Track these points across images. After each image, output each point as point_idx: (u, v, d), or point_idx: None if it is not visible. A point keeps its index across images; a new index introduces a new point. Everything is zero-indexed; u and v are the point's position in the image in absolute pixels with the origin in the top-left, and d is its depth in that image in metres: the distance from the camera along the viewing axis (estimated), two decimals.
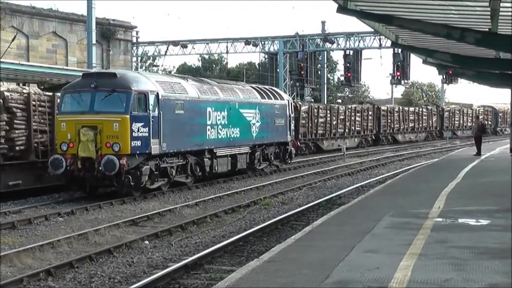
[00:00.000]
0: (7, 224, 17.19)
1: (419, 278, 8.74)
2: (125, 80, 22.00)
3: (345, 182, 28.30)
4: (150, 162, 22.02)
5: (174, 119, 23.24)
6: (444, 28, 15.75)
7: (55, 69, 29.09)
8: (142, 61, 78.08)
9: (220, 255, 13.62)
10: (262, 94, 31.10)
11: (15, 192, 21.66)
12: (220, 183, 26.66)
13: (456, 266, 9.45)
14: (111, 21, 54.26)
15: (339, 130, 50.43)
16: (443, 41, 18.82)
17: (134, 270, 12.56)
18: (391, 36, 22.51)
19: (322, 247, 11.13)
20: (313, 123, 46.28)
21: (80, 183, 21.67)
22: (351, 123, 52.38)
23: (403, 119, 63.07)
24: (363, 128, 55.11)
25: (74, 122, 21.27)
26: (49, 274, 12.04)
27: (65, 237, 15.10)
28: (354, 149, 51.65)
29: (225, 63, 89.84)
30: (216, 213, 19.01)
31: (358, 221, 13.67)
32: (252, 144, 29.44)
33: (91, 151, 20.91)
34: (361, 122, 54.55)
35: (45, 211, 19.27)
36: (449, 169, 26.39)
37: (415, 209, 15.28)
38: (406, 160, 40.92)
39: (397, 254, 10.15)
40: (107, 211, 19.67)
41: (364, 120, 55.22)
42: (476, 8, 14.11)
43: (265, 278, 9.08)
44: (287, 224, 17.43)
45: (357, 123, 53.65)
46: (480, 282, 8.56)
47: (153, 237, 15.57)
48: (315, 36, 64.48)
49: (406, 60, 60.85)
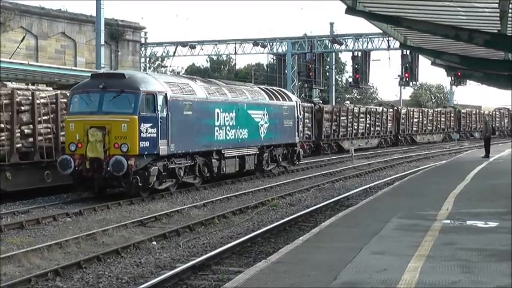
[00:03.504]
0: (16, 224, 17.25)
1: (427, 280, 8.73)
2: (134, 80, 22.02)
3: (353, 183, 28.27)
4: (158, 163, 22.04)
5: (183, 119, 23.25)
6: (453, 29, 15.73)
7: (64, 70, 29.17)
8: (151, 62, 78.16)
9: (228, 256, 13.62)
10: (271, 95, 31.10)
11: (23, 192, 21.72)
12: (228, 184, 26.66)
13: (464, 268, 9.43)
14: (119, 22, 54.36)
15: (359, 131, 52.09)
16: (452, 42, 18.78)
17: (142, 271, 12.57)
18: (400, 37, 22.49)
19: (330, 248, 11.12)
20: (336, 125, 48.43)
21: (88, 183, 21.72)
22: (371, 124, 54.28)
23: (422, 120, 64.67)
24: (383, 129, 57.03)
25: (83, 122, 21.29)
26: (57, 274, 12.06)
27: (73, 238, 15.12)
28: (373, 149, 53.59)
29: (233, 64, 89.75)
30: (224, 214, 19.00)
31: (366, 223, 13.65)
32: (260, 145, 29.43)
33: (99, 151, 20.94)
34: (380, 123, 56.47)
35: (53, 211, 19.31)
36: (458, 171, 26.34)
37: (423, 210, 15.25)
38: (414, 162, 40.85)
39: (405, 256, 10.13)
40: (115, 212, 19.70)
41: (383, 122, 57.04)
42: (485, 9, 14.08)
43: (273, 279, 9.08)
44: (295, 225, 17.41)
45: (376, 124, 55.58)
46: (488, 284, 8.54)
47: (161, 238, 15.58)
48: (323, 37, 64.43)
49: (414, 61, 60.82)
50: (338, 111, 49.01)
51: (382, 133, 57.00)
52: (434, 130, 67.73)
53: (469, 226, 13.23)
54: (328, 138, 47.62)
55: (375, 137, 55.47)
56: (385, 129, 57.59)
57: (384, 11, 16.23)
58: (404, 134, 61.71)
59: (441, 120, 69.52)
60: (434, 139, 67.11)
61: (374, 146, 54.91)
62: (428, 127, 66.27)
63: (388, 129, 58.27)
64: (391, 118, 58.74)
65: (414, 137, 63.54)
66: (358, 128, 51.73)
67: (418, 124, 64.00)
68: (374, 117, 54.95)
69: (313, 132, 45.19)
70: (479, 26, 16.30)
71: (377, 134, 55.86)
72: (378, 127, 55.95)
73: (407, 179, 25.43)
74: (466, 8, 14.86)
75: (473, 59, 22.58)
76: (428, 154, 47.92)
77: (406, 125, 61.58)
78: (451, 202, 16.65)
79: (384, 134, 57.34)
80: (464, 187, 20.31)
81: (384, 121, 57.15)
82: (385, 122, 57.35)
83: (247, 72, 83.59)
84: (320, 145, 46.43)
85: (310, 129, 44.52)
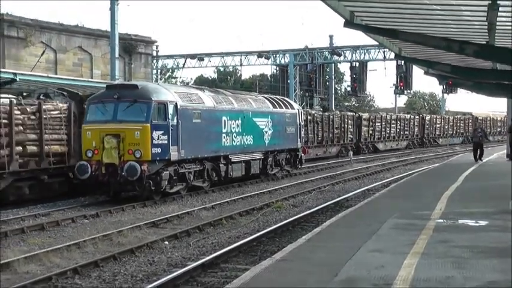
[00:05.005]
0: (37, 225, 17.27)
1: (422, 276, 8.71)
2: (146, 91, 22.05)
3: (352, 185, 28.22)
4: (169, 167, 22.05)
5: (192, 127, 23.26)
6: (444, 41, 15.70)
7: (81, 82, 29.23)
8: (162, 73, 78.15)
9: (235, 255, 13.61)
10: (274, 104, 31.09)
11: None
12: (235, 187, 26.64)
13: (457, 264, 9.40)
14: (132, 37, 54.42)
15: (391, 134, 58.37)
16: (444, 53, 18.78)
17: (155, 269, 12.57)
18: (395, 49, 22.48)
19: (331, 247, 11.11)
20: (372, 129, 54.50)
21: (104, 187, 21.74)
22: (400, 129, 60.58)
23: (443, 126, 71.30)
24: (410, 133, 63.23)
25: (99, 130, 21.33)
26: (76, 272, 12.06)
27: (90, 238, 15.14)
28: (403, 149, 59.77)
29: (239, 75, 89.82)
30: (231, 215, 18.99)
31: (365, 223, 13.63)
32: (264, 150, 29.42)
33: (114, 157, 20.97)
34: (408, 128, 62.70)
35: (72, 214, 19.32)
36: (450, 173, 26.27)
37: (418, 211, 15.22)
38: (409, 165, 40.74)
39: (401, 254, 10.11)
40: (129, 214, 19.71)
41: (411, 127, 63.30)
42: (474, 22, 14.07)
43: (277, 276, 9.07)
44: (298, 226, 17.40)
45: (405, 129, 61.80)
46: (480, 280, 8.52)
47: (173, 238, 15.58)
48: (323, 49, 64.50)
49: (408, 71, 60.85)
50: (374, 119, 55.26)
51: (410, 136, 63.03)
52: (454, 134, 73.88)
53: (461, 225, 13.20)
54: (366, 141, 53.60)
55: (403, 140, 61.60)
56: (413, 133, 63.75)
57: (379, 24, 16.23)
58: (429, 137, 67.61)
59: (460, 125, 75.50)
60: (455, 141, 72.14)
61: (403, 147, 60.66)
62: (449, 131, 72.66)
63: (415, 133, 64.44)
64: (417, 124, 64.79)
65: (437, 139, 69.48)
66: (390, 132, 57.95)
67: (440, 129, 70.39)
68: (403, 123, 61.15)
69: (354, 136, 51.61)
70: (469, 38, 16.30)
71: (405, 137, 61.97)
72: (407, 131, 62.09)
73: (403, 181, 25.37)
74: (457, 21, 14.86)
75: (463, 68, 22.55)
76: (423, 158, 47.83)
77: (430, 130, 67.84)
78: (444, 202, 16.61)
79: (411, 137, 63.42)
80: (456, 188, 20.27)
81: (412, 126, 63.31)
82: (412, 127, 63.43)
83: (252, 82, 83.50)
84: (359, 146, 52.47)
85: (352, 134, 51.14)
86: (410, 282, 8.38)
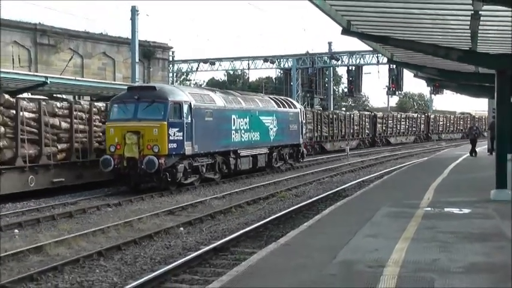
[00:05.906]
0: (66, 213, 17.34)
1: (411, 258, 8.73)
2: (163, 92, 22.08)
3: (349, 177, 28.20)
4: (184, 161, 22.09)
5: (204, 124, 23.28)
6: (431, 47, 15.66)
7: (105, 84, 29.26)
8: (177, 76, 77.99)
9: (243, 240, 13.64)
10: (279, 103, 31.08)
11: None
12: (243, 179, 26.65)
13: (443, 248, 9.42)
14: (151, 43, 54.35)
15: (401, 130, 62.88)
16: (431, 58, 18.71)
17: (171, 252, 12.61)
18: (387, 54, 22.41)
19: (329, 233, 11.13)
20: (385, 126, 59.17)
21: (126, 179, 21.79)
22: (409, 125, 65.15)
23: (446, 123, 75.50)
24: (417, 129, 67.82)
25: (120, 127, 21.37)
26: (100, 255, 12.12)
27: (113, 224, 15.19)
28: (411, 143, 63.65)
29: (246, 77, 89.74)
30: (240, 204, 19.01)
31: (360, 211, 13.64)
32: (269, 146, 29.41)
33: (135, 152, 21.02)
34: (416, 125, 67.40)
35: (97, 202, 19.37)
36: (437, 166, 26.25)
37: (408, 200, 15.23)
38: (400, 159, 40.66)
39: (393, 239, 10.13)
40: (148, 203, 19.75)
41: (417, 124, 67.79)
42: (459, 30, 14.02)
43: (282, 258, 9.10)
44: (300, 213, 17.41)
45: (413, 126, 66.46)
46: (463, 261, 8.54)
47: (187, 225, 15.61)
48: (322, 54, 64.29)
49: (399, 74, 60.58)
50: (386, 117, 60.04)
51: (417, 132, 67.62)
52: (454, 130, 77.90)
53: (447, 213, 13.21)
54: (380, 136, 58.57)
55: (411, 135, 65.99)
56: (419, 129, 68.42)
57: (373, 32, 16.18)
58: (433, 133, 71.54)
59: (460, 123, 79.59)
60: (455, 137, 75.60)
61: (411, 141, 64.55)
62: (450, 128, 76.99)
63: (422, 129, 69.03)
64: (423, 121, 69.37)
65: (440, 135, 72.98)
66: (400, 128, 62.67)
67: (443, 126, 75.11)
68: (411, 120, 66.06)
69: (371, 131, 56.69)
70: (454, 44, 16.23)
71: (413, 132, 66.56)
72: (414, 128, 66.83)
73: (394, 174, 25.37)
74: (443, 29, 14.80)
75: (449, 72, 22.47)
76: (412, 152, 47.72)
77: (434, 126, 72.44)
78: (431, 193, 16.62)
79: (418, 132, 67.93)
80: (442, 180, 20.26)
81: (418, 124, 68.06)
82: (419, 124, 68.11)
83: (258, 84, 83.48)
84: (375, 140, 57.39)
85: (369, 129, 56.18)
86: (401, 264, 8.41)
